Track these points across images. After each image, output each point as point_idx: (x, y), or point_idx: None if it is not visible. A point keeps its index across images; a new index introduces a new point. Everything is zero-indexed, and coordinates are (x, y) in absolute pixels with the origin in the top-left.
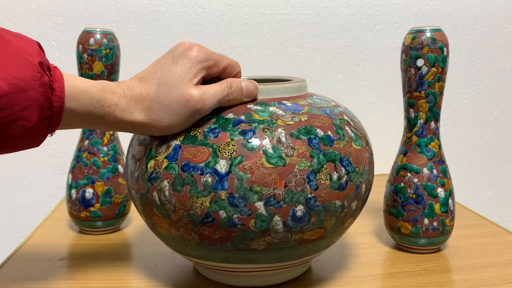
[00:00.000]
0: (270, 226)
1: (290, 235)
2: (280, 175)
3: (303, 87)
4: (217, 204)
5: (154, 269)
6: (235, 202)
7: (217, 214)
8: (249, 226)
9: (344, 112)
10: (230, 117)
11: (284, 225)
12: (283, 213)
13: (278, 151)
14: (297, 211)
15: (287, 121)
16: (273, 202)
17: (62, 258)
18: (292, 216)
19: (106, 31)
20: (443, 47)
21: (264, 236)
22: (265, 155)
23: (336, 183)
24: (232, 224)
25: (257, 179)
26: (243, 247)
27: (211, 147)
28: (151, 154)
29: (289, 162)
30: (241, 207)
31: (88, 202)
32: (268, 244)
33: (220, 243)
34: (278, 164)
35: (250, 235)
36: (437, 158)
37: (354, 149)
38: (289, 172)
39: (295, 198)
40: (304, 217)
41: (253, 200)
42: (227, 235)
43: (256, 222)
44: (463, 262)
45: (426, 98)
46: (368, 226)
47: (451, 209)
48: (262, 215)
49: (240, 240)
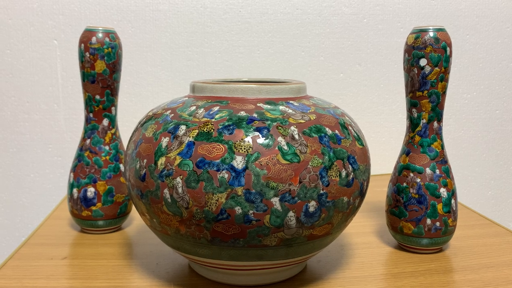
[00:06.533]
0: (284, 222)
1: (302, 231)
2: (295, 171)
3: (304, 89)
4: (233, 200)
5: (156, 268)
6: (252, 198)
7: (232, 210)
8: (264, 222)
9: (344, 113)
10: (243, 115)
11: (297, 220)
12: (297, 208)
13: (293, 148)
14: (309, 207)
15: (298, 119)
16: (288, 198)
17: (63, 258)
18: (305, 212)
19: (108, 29)
20: (446, 46)
21: (277, 232)
22: (281, 152)
23: (344, 180)
24: (247, 220)
25: (273, 175)
26: (255, 244)
27: (227, 144)
28: (161, 151)
29: (303, 159)
30: (257, 203)
31: (90, 201)
32: (280, 240)
33: (233, 239)
34: (293, 160)
35: (264, 231)
36: (440, 158)
37: (358, 148)
38: (304, 169)
39: (309, 194)
40: (316, 213)
41: (269, 196)
42: (241, 231)
43: (271, 218)
44: (465, 263)
45: (429, 98)
46: (370, 226)
47: (454, 209)
48: (277, 211)
49: (253, 236)
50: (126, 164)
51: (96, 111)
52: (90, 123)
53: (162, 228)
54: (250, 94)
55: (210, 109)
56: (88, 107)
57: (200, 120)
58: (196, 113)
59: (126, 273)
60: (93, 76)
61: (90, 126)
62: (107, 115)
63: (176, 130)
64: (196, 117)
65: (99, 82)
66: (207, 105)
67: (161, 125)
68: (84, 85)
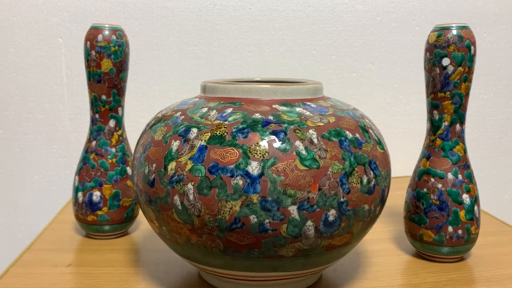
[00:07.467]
0: (302, 232)
1: (320, 241)
2: (314, 178)
3: (321, 89)
4: (248, 208)
5: (164, 277)
6: (268, 206)
7: (247, 219)
8: (281, 232)
9: (364, 115)
10: (258, 117)
11: (315, 230)
12: (315, 217)
13: (312, 153)
14: (329, 216)
15: (316, 122)
16: (306, 206)
17: (68, 265)
18: (324, 221)
19: (115, 27)
20: (470, 45)
21: (294, 242)
22: (299, 157)
23: (366, 187)
24: (263, 229)
25: (291, 181)
26: (270, 254)
27: (241, 148)
28: (171, 155)
29: (322, 165)
30: (274, 211)
31: (95, 205)
32: (297, 250)
33: (247, 250)
34: (312, 166)
35: (281, 241)
36: (462, 163)
37: (379, 153)
38: (323, 175)
39: (328, 202)
40: (335, 222)
41: (287, 204)
42: (256, 241)
43: (288, 228)
44: (489, 273)
45: (452, 99)
46: (386, 233)
47: (477, 217)
48: (294, 220)
49: (269, 247)
50: (134, 168)
51: (102, 111)
52: (96, 124)
53: (172, 236)
54: (265, 95)
55: (223, 110)
56: (94, 107)
57: (213, 123)
58: (208, 115)
59: (133, 281)
60: (99, 75)
61: (96, 128)
62: (114, 116)
63: (187, 133)
64: (208, 119)
65: (106, 82)
66: (220, 106)
67: (171, 127)
68: (89, 84)
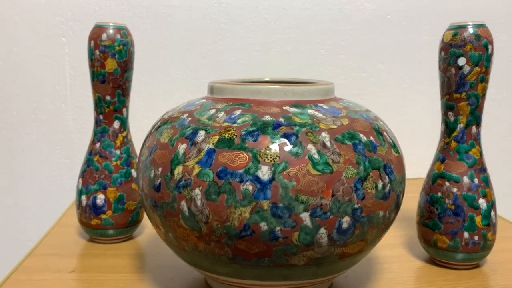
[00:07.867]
0: (314, 240)
1: (333, 249)
2: (327, 183)
3: (332, 90)
4: (258, 215)
5: (170, 283)
6: (279, 213)
7: (257, 226)
8: (292, 240)
9: (377, 117)
10: (268, 119)
11: (329, 238)
12: (329, 225)
13: (325, 157)
14: (343, 223)
15: (329, 124)
16: (319, 213)
17: (71, 271)
18: (337, 229)
19: (119, 25)
20: (487, 44)
21: (306, 251)
22: (311, 161)
23: (381, 192)
24: (273, 237)
25: (303, 187)
26: (281, 263)
27: (251, 152)
28: (178, 159)
29: (336, 169)
30: (285, 218)
31: (99, 209)
32: (309, 259)
33: (257, 258)
34: (325, 171)
35: (292, 250)
36: (478, 166)
37: (394, 156)
38: (337, 180)
39: (342, 209)
40: (349, 229)
41: (299, 211)
42: (267, 249)
43: (300, 235)
44: (507, 281)
45: (468, 100)
46: (398, 237)
47: (493, 222)
48: (307, 227)
49: (280, 255)
50: (139, 171)
51: (106, 112)
52: (100, 125)
53: (178, 243)
54: (275, 96)
55: (231, 112)
56: (97, 108)
57: (221, 125)
58: (216, 117)
59: None
60: (104, 76)
61: (100, 129)
62: (118, 117)
63: (194, 136)
64: (216, 121)
65: (110, 82)
66: (228, 108)
67: (178, 130)
68: (93, 85)
